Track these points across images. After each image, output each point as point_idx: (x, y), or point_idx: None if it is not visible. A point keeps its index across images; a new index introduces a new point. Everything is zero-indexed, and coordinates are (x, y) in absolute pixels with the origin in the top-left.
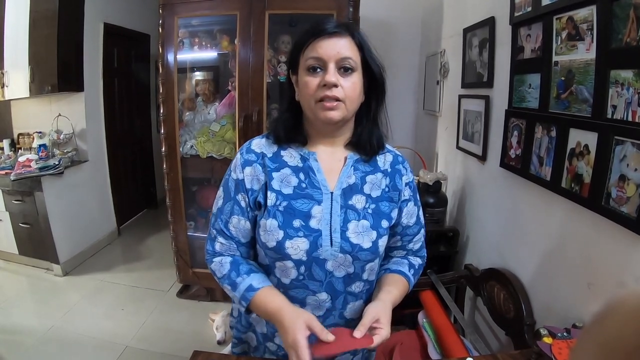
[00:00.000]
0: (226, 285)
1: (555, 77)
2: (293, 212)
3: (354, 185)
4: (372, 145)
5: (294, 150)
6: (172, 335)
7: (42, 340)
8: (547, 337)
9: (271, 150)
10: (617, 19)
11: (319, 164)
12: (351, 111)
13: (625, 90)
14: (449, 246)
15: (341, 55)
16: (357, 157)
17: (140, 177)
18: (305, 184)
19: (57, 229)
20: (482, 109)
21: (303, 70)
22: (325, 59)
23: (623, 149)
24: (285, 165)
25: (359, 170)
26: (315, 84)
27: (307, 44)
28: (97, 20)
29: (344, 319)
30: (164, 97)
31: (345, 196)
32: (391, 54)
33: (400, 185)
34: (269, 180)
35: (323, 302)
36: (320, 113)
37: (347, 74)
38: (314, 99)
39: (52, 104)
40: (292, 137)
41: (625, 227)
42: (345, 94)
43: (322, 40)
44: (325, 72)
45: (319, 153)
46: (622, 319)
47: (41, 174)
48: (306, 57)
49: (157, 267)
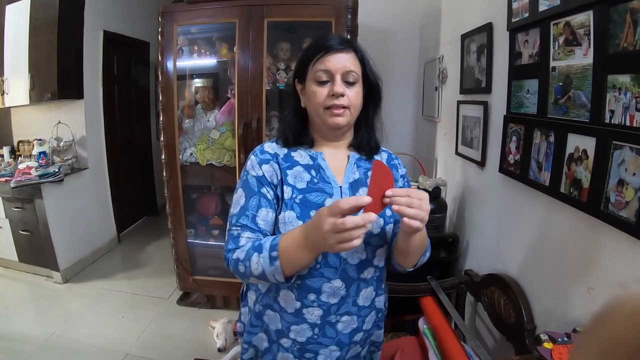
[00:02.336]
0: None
1: (553, 83)
2: (309, 203)
3: (359, 179)
4: (371, 146)
5: (303, 151)
6: (172, 343)
7: (42, 348)
8: (547, 342)
9: (282, 152)
10: (614, 23)
11: (326, 162)
12: (354, 117)
13: (623, 95)
14: (449, 252)
15: (347, 68)
16: (358, 156)
17: (140, 184)
18: (317, 179)
19: (57, 236)
20: (481, 114)
21: (312, 81)
22: (333, 71)
23: (621, 153)
24: (297, 163)
25: (362, 167)
26: (325, 94)
27: (316, 57)
28: (97, 28)
29: (357, 307)
30: (164, 105)
31: (353, 189)
32: (390, 61)
33: (397, 176)
34: (285, 177)
35: (338, 289)
36: (329, 119)
37: (351, 84)
38: (322, 106)
39: (52, 112)
40: (299, 140)
41: (625, 231)
42: (350, 102)
43: (330, 55)
44: (332, 83)
45: (325, 153)
46: (623, 319)
47: (41, 182)
48: (316, 69)
49: (157, 275)
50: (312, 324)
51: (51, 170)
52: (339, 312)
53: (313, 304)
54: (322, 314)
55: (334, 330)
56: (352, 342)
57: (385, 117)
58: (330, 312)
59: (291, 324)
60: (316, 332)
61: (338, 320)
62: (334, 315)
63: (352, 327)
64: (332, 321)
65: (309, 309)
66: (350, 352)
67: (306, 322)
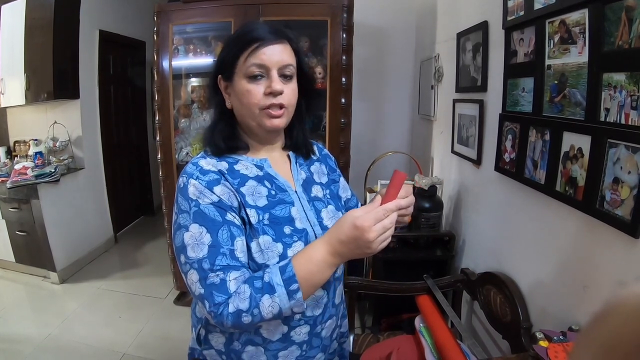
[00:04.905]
0: (261, 302)
1: (548, 81)
2: (278, 220)
3: (307, 178)
4: (307, 147)
5: (246, 162)
6: (169, 343)
7: (39, 349)
8: (543, 340)
9: (223, 167)
10: (609, 22)
11: (274, 169)
12: (291, 116)
13: (618, 93)
14: (445, 250)
15: (284, 62)
16: (295, 155)
17: (137, 184)
18: (274, 191)
19: (54, 237)
20: (477, 113)
21: (242, 78)
22: (269, 66)
23: (617, 151)
24: (247, 177)
25: (303, 165)
26: (261, 92)
27: (248, 51)
28: (92, 28)
29: (335, 307)
30: (159, 105)
31: (306, 190)
32: (386, 59)
33: (333, 165)
34: (242, 198)
35: (320, 298)
36: (267, 121)
37: (288, 79)
38: (258, 107)
39: (48, 112)
40: (232, 146)
41: (620, 229)
42: (288, 100)
43: (265, 47)
44: (268, 79)
45: (270, 159)
46: (622, 318)
47: (37, 182)
48: (248, 64)
49: (154, 274)
50: (300, 343)
51: (47, 171)
52: (323, 320)
53: (300, 323)
54: (309, 329)
55: (319, 339)
56: (332, 340)
57: (381, 115)
58: (317, 323)
59: (278, 350)
60: (304, 349)
61: (323, 328)
62: (319, 325)
63: (332, 328)
64: (318, 331)
65: (296, 329)
66: (330, 349)
67: (294, 343)
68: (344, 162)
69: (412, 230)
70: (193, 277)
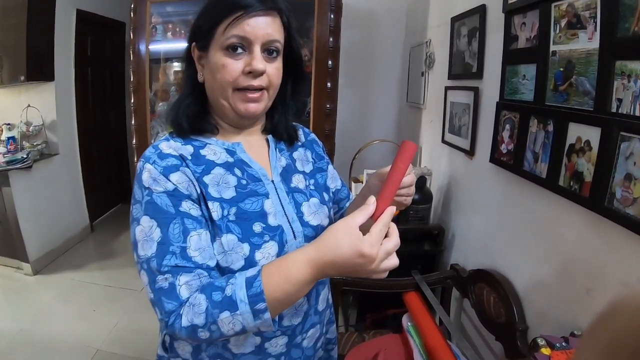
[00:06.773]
0: (219, 319)
1: (553, 68)
2: (246, 216)
3: (288, 166)
4: (290, 133)
5: (215, 146)
6: (145, 337)
7: (11, 344)
8: (544, 347)
9: (187, 151)
10: (625, 6)
11: (248, 155)
12: (272, 100)
13: (633, 83)
14: (434, 244)
15: (270, 37)
16: (275, 140)
17: (114, 170)
18: (245, 180)
19: (26, 226)
20: (471, 101)
21: (219, 50)
22: (252, 39)
23: (630, 145)
24: (214, 164)
25: (284, 151)
26: (238, 70)
27: (230, 19)
28: (69, 7)
29: (318, 314)
30: (135, 86)
31: (286, 180)
32: (374, 44)
33: (321, 152)
34: (204, 189)
35: (300, 306)
36: (241, 105)
37: (272, 57)
38: (232, 86)
39: (22, 95)
40: (198, 127)
41: (631, 229)
42: (270, 81)
43: (249, 18)
44: (249, 55)
45: (243, 143)
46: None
47: (8, 168)
48: (228, 35)
49: (131, 265)
50: (277, 356)
51: (19, 157)
52: (304, 330)
53: (276, 334)
54: (287, 340)
55: (299, 350)
56: (316, 350)
57: (368, 103)
58: (296, 333)
59: None
60: None
61: (304, 338)
62: (299, 335)
63: (315, 337)
64: (298, 342)
65: (271, 341)
66: (314, 359)
67: (270, 356)
68: (329, 150)
69: (400, 223)
70: (144, 278)
